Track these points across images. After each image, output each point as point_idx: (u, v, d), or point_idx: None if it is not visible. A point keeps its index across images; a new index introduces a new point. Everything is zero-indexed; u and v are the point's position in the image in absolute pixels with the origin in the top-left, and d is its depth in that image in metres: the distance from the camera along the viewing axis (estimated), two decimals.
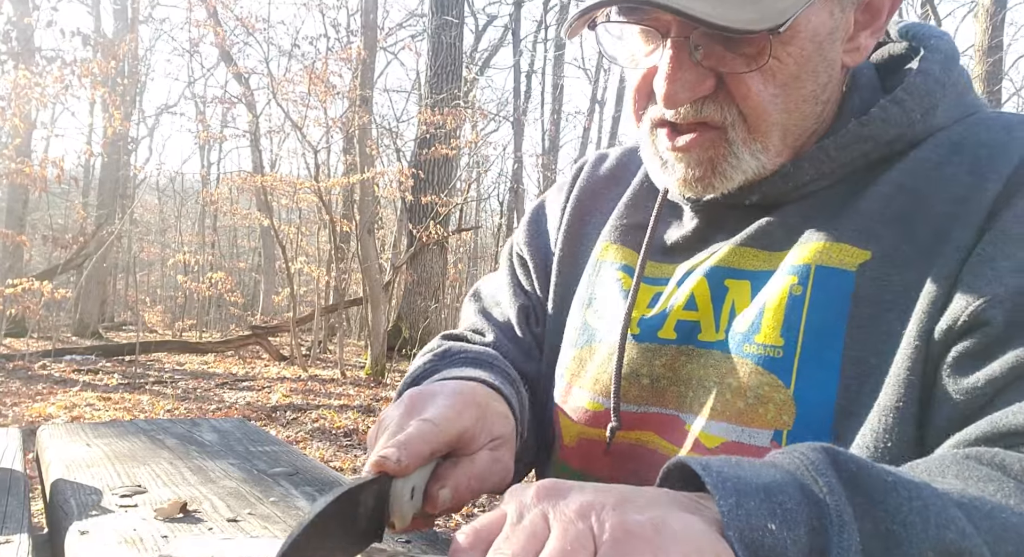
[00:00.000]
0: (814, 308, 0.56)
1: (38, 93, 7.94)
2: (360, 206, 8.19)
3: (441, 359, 0.72)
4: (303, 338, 9.90)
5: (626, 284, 0.69)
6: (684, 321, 0.64)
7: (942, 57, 0.62)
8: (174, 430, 1.14)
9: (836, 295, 0.56)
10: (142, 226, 19.69)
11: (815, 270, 0.57)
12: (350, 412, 5.77)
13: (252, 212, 14.58)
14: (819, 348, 0.56)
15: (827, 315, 0.56)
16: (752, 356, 0.58)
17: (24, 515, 0.75)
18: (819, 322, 0.56)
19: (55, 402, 5.74)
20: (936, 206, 0.56)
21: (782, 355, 0.57)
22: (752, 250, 0.62)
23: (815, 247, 0.58)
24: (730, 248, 0.63)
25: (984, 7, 7.21)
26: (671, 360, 0.64)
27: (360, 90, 8.42)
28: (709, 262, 0.64)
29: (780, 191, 0.62)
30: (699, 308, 0.63)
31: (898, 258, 0.56)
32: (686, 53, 0.57)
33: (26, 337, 11.02)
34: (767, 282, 0.60)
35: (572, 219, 0.79)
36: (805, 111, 0.60)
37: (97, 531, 0.67)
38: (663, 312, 0.65)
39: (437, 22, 10.42)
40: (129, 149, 15.81)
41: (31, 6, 10.01)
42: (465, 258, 16.84)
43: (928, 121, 0.60)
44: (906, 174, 0.59)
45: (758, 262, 0.62)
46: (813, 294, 0.57)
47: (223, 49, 10.21)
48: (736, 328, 0.60)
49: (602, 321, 0.70)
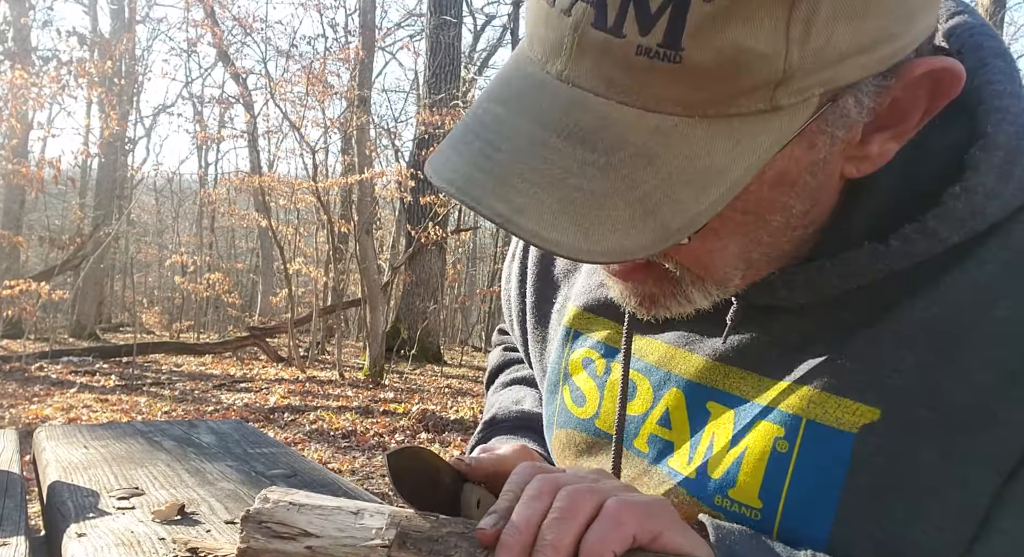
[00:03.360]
0: (800, 473, 0.46)
1: (35, 93, 7.92)
2: (358, 207, 8.18)
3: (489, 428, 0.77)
4: (301, 339, 9.89)
5: (600, 367, 0.61)
6: (657, 437, 0.55)
7: (1001, 157, 0.43)
8: (172, 432, 1.14)
9: (829, 461, 0.45)
10: (139, 227, 19.67)
11: (805, 426, 0.47)
12: (348, 413, 5.76)
13: (250, 213, 14.55)
14: (803, 521, 0.46)
15: (816, 484, 0.46)
16: (725, 511, 0.49)
17: (21, 517, 0.75)
18: (805, 491, 0.46)
19: (52, 404, 5.72)
20: (977, 369, 0.42)
21: (760, 518, 0.48)
22: (739, 371, 0.52)
23: (809, 395, 0.47)
24: (712, 364, 0.53)
25: (983, 7, 7.23)
26: (638, 475, 0.56)
27: (358, 90, 8.42)
28: (687, 374, 0.54)
29: (766, 303, 0.50)
30: (673, 428, 0.55)
31: (914, 425, 0.43)
32: None
33: (23, 338, 11.00)
34: (750, 422, 0.50)
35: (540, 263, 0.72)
36: (774, 242, 0.46)
37: (94, 533, 0.67)
38: (638, 416, 0.57)
39: (435, 22, 10.42)
40: (126, 149, 15.79)
41: (27, 6, 9.99)
42: (464, 259, 16.83)
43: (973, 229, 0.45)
44: (939, 306, 0.44)
45: (746, 387, 0.51)
46: (801, 455, 0.46)
47: (220, 49, 10.20)
48: (710, 472, 0.51)
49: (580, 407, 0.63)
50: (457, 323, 15.00)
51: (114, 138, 11.92)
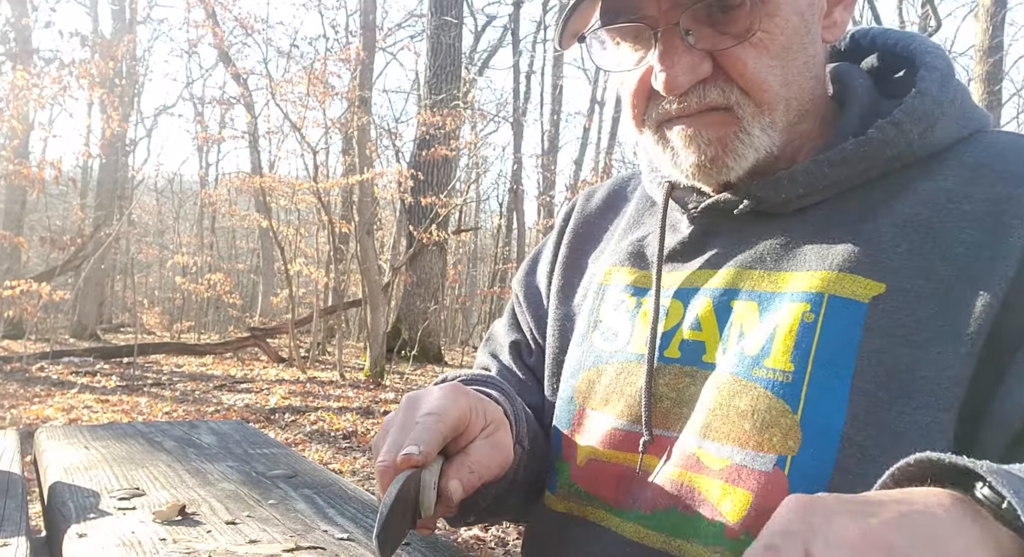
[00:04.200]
0: (825, 336, 0.57)
1: (36, 94, 7.93)
2: (359, 207, 8.18)
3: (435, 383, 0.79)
4: (302, 340, 9.89)
5: (632, 303, 0.70)
6: (689, 341, 0.64)
7: (939, 75, 0.62)
8: (172, 432, 1.14)
9: (848, 325, 0.56)
10: (140, 227, 19.68)
11: (828, 299, 0.57)
12: (349, 414, 5.76)
13: (251, 213, 14.57)
14: (828, 376, 0.56)
15: (838, 344, 0.56)
16: (761, 380, 0.58)
17: (22, 518, 0.75)
18: (830, 351, 0.56)
19: (53, 404, 5.73)
20: (955, 247, 0.56)
21: (791, 380, 0.57)
22: (756, 271, 0.63)
23: (826, 276, 0.58)
24: (735, 270, 0.64)
25: (984, 7, 7.22)
26: (674, 380, 0.64)
27: (359, 91, 8.42)
28: (713, 284, 0.64)
29: (772, 202, 0.63)
30: (703, 329, 0.64)
31: (913, 293, 0.56)
32: (678, 39, 0.58)
33: (24, 339, 11.00)
34: (775, 304, 0.60)
35: (568, 253, 0.80)
36: (802, 83, 0.61)
37: (95, 534, 0.67)
38: (668, 331, 0.66)
39: (436, 22, 10.42)
40: (127, 150, 15.80)
41: (29, 7, 10.00)
42: (465, 259, 16.83)
43: (927, 139, 0.61)
44: (920, 205, 0.59)
45: (764, 283, 0.62)
46: (825, 322, 0.57)
47: (221, 50, 10.21)
48: (746, 351, 0.60)
49: (610, 343, 0.70)
50: (458, 324, 15.00)
51: (115, 139, 11.92)
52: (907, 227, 0.58)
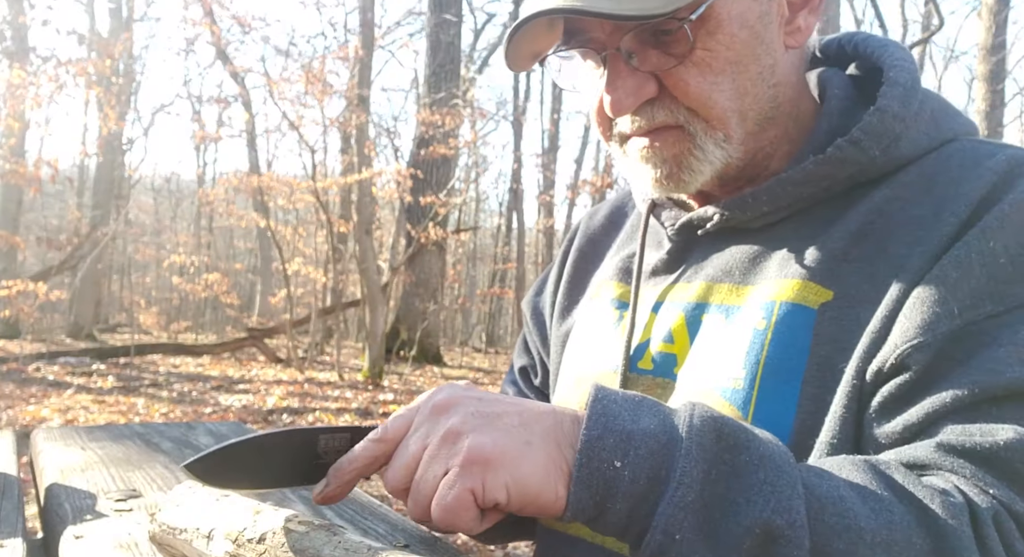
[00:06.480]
0: (776, 343, 0.58)
1: (33, 92, 7.92)
2: (358, 206, 8.18)
3: None
4: (300, 340, 9.88)
5: (615, 317, 0.73)
6: (662, 353, 0.67)
7: (900, 91, 0.62)
8: (170, 434, 1.13)
9: (798, 330, 0.58)
10: (137, 227, 19.66)
11: (779, 305, 0.59)
12: (348, 415, 5.75)
13: (248, 213, 14.54)
14: (777, 383, 0.57)
15: (789, 351, 0.57)
16: (717, 389, 0.60)
17: (18, 520, 0.74)
18: (779, 357, 0.58)
19: (49, 405, 5.71)
20: (899, 248, 0.57)
21: (742, 386, 0.58)
22: (725, 285, 0.65)
23: (781, 285, 0.60)
24: (706, 285, 0.66)
25: (987, 5, 7.23)
26: (647, 390, 0.66)
27: (358, 89, 8.41)
28: (686, 297, 0.67)
29: (740, 219, 0.65)
30: (675, 342, 0.66)
31: (857, 299, 0.57)
32: (621, 62, 0.60)
33: (20, 339, 10.98)
34: (738, 317, 0.62)
35: (573, 272, 0.83)
36: (758, 93, 0.62)
37: (92, 536, 0.66)
38: (643, 343, 0.68)
39: (435, 20, 10.42)
40: (124, 149, 15.79)
41: (26, 5, 9.98)
42: (464, 259, 16.84)
43: (891, 154, 0.61)
44: (874, 213, 0.60)
45: (732, 297, 0.64)
46: (776, 329, 0.58)
47: (219, 48, 10.19)
48: (709, 361, 0.62)
49: (591, 356, 0.73)
50: (457, 324, 15.01)
51: (112, 137, 11.92)
52: (859, 235, 0.59)
